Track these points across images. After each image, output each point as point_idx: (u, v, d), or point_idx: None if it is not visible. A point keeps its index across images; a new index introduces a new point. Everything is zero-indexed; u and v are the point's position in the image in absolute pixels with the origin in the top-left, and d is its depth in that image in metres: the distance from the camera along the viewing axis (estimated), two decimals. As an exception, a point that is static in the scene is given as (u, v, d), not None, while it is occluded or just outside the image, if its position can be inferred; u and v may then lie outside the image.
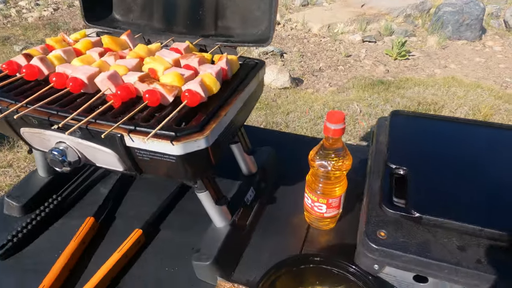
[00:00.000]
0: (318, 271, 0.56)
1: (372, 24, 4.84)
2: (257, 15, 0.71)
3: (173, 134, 0.47)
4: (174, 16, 0.79)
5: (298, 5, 5.87)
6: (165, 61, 0.59)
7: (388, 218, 0.53)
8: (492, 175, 0.58)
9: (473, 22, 4.34)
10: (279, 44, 4.28)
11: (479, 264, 0.47)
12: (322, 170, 0.61)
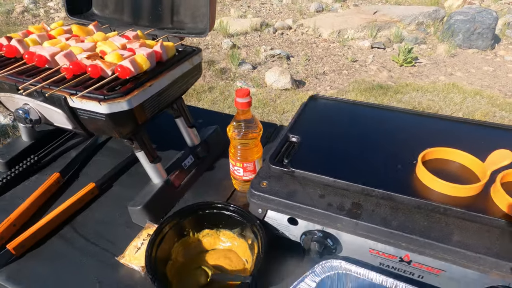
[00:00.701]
0: (220, 216, 0.69)
1: (383, 31, 4.89)
2: (202, 12, 0.85)
3: (101, 96, 0.62)
4: (139, 12, 0.95)
5: (313, 11, 5.98)
6: (113, 45, 0.75)
7: (272, 172, 0.65)
8: (366, 146, 0.70)
9: (484, 31, 4.31)
10: (288, 48, 4.41)
11: (329, 207, 0.58)
12: (236, 138, 0.74)
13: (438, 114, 0.82)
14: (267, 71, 3.56)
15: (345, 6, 6.32)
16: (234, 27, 4.78)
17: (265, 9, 6.02)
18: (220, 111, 2.66)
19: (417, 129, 0.76)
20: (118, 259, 0.68)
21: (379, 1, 6.63)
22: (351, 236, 0.58)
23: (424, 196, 0.57)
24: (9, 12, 5.36)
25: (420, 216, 0.56)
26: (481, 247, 0.51)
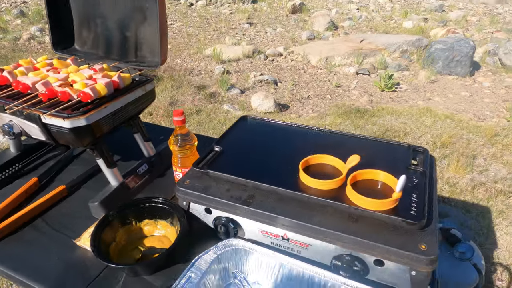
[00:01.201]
0: (156, 208, 0.88)
1: (368, 58, 5.16)
2: (157, 49, 1.07)
3: (65, 114, 0.83)
4: (110, 48, 1.17)
5: (305, 39, 6.32)
6: (82, 75, 0.96)
7: (195, 173, 0.84)
8: (270, 153, 0.89)
9: (463, 59, 4.56)
10: (277, 73, 4.68)
11: (231, 198, 0.77)
12: (176, 148, 0.94)
13: (329, 130, 1.03)
14: (254, 94, 3.80)
15: (336, 34, 6.67)
16: (228, 54, 5.08)
17: (259, 37, 6.37)
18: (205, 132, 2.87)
19: (310, 140, 0.96)
20: (75, 242, 0.86)
21: (368, 29, 6.98)
22: (247, 220, 0.76)
23: (300, 190, 0.76)
24: (16, 39, 5.74)
25: (295, 205, 0.74)
26: (334, 226, 0.69)
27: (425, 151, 0.86)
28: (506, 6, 9.44)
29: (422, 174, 0.77)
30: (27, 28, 6.41)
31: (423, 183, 0.74)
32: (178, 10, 8.23)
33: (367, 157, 0.78)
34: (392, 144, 0.92)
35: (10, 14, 7.29)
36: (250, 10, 8.42)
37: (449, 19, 7.75)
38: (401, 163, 0.82)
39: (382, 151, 0.88)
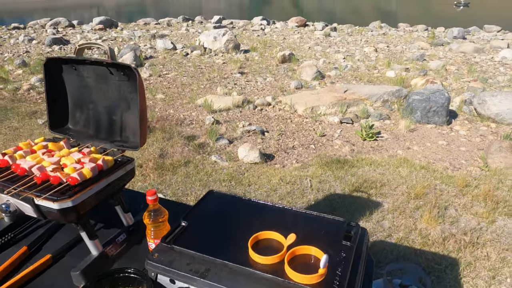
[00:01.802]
0: (129, 278, 1.01)
1: (352, 108, 5.46)
2: (137, 132, 1.26)
3: (55, 198, 0.99)
4: (99, 129, 1.36)
5: (293, 88, 6.68)
6: (72, 159, 1.13)
7: (162, 248, 0.98)
8: (227, 229, 1.05)
9: (439, 109, 4.86)
10: (264, 123, 4.93)
11: (190, 271, 0.91)
12: (149, 223, 1.09)
13: (280, 206, 1.18)
14: (242, 145, 4.00)
15: (323, 83, 7.06)
16: (218, 104, 5.37)
17: (250, 86, 6.73)
18: (191, 184, 3.01)
19: (264, 216, 1.12)
20: (56, 310, 0.99)
21: (353, 78, 7.40)
22: (204, 292, 0.90)
23: (249, 265, 0.90)
24: (17, 90, 6.03)
25: (244, 278, 0.88)
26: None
27: (357, 226, 1.01)
28: (483, 55, 10.07)
29: (350, 249, 0.93)
30: (27, 78, 6.74)
31: (349, 258, 0.89)
32: (174, 60, 8.70)
33: (306, 233, 0.94)
34: (330, 219, 1.08)
35: (12, 64, 7.68)
36: (242, 59, 8.92)
37: (430, 68, 8.24)
38: (334, 238, 0.97)
39: (320, 226, 1.04)
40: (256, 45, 11.14)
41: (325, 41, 12.57)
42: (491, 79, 7.39)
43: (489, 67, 8.62)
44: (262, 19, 18.89)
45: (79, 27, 15.71)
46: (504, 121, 4.88)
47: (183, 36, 13.18)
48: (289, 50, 10.36)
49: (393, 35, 14.87)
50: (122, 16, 35.36)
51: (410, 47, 11.21)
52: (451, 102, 5.74)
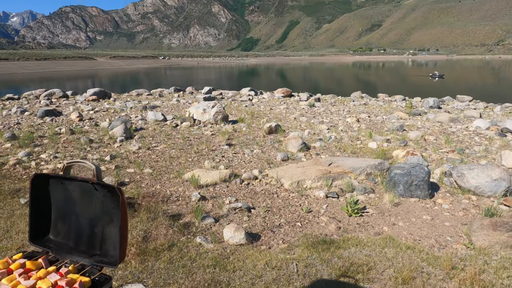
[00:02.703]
0: None
1: (337, 181, 5.58)
2: (117, 248, 1.28)
3: (26, 332, 0.97)
4: (80, 241, 1.38)
5: (279, 160, 6.84)
6: (49, 282, 1.14)
7: None
8: None
9: (420, 183, 5.00)
10: (251, 199, 4.95)
11: None
12: None
13: None
14: (228, 223, 3.97)
15: (308, 155, 7.26)
16: (205, 178, 5.42)
17: (237, 159, 6.86)
18: (174, 271, 2.92)
19: None
20: None
21: (337, 150, 7.66)
22: None
23: None
24: (2, 165, 6.01)
25: None
26: None
27: None
28: (459, 125, 10.67)
29: None
30: (15, 152, 6.77)
31: None
32: (164, 132, 8.94)
33: None
34: None
35: (1, 137, 7.75)
36: (231, 131, 9.22)
37: (409, 139, 8.63)
38: None
39: None
40: (244, 116, 11.61)
41: (309, 111, 13.21)
42: (468, 149, 7.75)
43: (465, 136, 9.08)
44: (250, 90, 19.96)
45: (72, 98, 16.26)
46: (484, 194, 5.02)
47: (173, 107, 13.71)
48: (275, 121, 10.83)
49: (373, 105, 15.77)
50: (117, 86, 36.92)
51: (390, 117, 11.82)
52: (432, 174, 5.95)
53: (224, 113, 10.53)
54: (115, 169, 5.94)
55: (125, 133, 8.18)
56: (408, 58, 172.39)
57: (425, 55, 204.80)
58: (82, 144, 7.44)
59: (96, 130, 9.04)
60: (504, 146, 8.07)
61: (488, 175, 4.99)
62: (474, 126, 10.28)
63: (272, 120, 10.97)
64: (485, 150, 7.60)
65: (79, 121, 10.16)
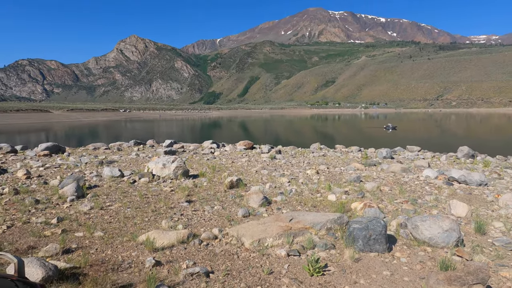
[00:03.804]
0: None
1: (298, 237, 5.51)
2: None
3: None
4: None
5: (241, 216, 6.69)
6: None
7: None
8: None
9: (378, 237, 5.07)
10: (210, 261, 4.70)
11: None
12: None
13: None
14: (184, 292, 3.69)
15: (270, 210, 7.20)
16: (162, 240, 5.12)
17: (197, 217, 6.63)
18: None
19: None
20: None
21: (298, 203, 7.68)
22: None
23: None
24: None
25: None
26: None
27: None
28: (410, 174, 11.25)
29: None
30: None
31: None
32: (120, 189, 8.53)
33: None
34: None
35: None
36: (191, 186, 9.01)
37: (366, 190, 8.91)
38: None
39: None
40: (205, 170, 11.49)
41: (271, 164, 13.38)
42: (420, 199, 8.11)
43: (416, 186, 9.55)
44: (212, 143, 20.05)
45: (22, 153, 15.30)
46: (437, 245, 5.17)
47: (132, 161, 13.29)
48: (237, 175, 10.80)
49: (332, 156, 16.37)
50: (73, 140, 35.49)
51: (347, 168, 12.25)
52: (389, 226, 6.09)
53: (184, 168, 10.35)
54: (62, 233, 5.46)
55: (76, 192, 7.69)
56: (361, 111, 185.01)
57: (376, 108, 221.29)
58: (26, 206, 6.84)
59: (44, 188, 8.43)
60: (451, 194, 8.56)
61: (440, 226, 5.19)
62: (424, 175, 10.90)
63: (233, 174, 10.93)
64: (436, 199, 8.00)
65: (26, 179, 9.44)
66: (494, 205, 7.63)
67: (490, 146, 28.42)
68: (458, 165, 14.10)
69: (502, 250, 5.12)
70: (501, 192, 8.83)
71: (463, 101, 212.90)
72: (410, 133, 43.76)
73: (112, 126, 62.39)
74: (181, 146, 19.07)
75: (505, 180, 10.72)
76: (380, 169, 12.30)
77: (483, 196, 8.45)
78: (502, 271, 4.32)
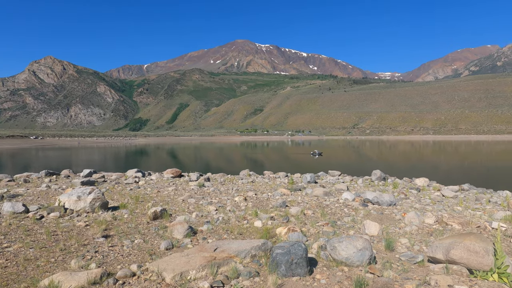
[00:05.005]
0: None
1: (222, 267, 5.38)
2: None
3: None
4: None
5: (163, 249, 6.34)
6: None
7: None
8: None
9: (299, 261, 5.21)
10: (126, 302, 4.31)
11: None
12: None
13: None
14: None
15: (195, 240, 6.96)
16: (69, 283, 4.58)
17: (114, 253, 6.10)
18: None
19: None
20: None
21: (224, 232, 7.57)
22: None
23: None
24: None
25: None
26: None
27: None
28: (331, 197, 11.97)
29: None
30: None
31: None
32: (23, 227, 7.49)
33: None
34: None
35: None
36: (110, 219, 8.33)
37: (291, 214, 9.20)
38: None
39: None
40: (128, 201, 10.78)
41: (199, 192, 13.11)
42: (339, 220, 8.63)
43: (336, 209, 10.17)
44: (137, 171, 18.99)
45: None
46: (353, 264, 5.50)
47: (41, 194, 11.87)
48: (162, 205, 10.32)
49: (260, 182, 16.68)
50: (-34, 172, 30.44)
51: (274, 193, 12.57)
52: (310, 249, 6.32)
53: (103, 199, 9.56)
54: None
55: (-36, 234, 6.53)
56: (288, 138, 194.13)
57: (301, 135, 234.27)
58: None
59: None
60: (366, 215, 9.28)
61: (355, 246, 5.55)
62: (343, 198, 11.69)
63: (158, 204, 10.43)
64: (353, 220, 8.59)
65: None
66: (401, 223, 8.46)
67: (399, 168, 31.88)
68: (372, 187, 15.45)
69: (407, 264, 5.65)
70: (407, 210, 9.86)
71: (375, 129, 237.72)
72: (332, 158, 47.04)
73: (20, 154, 55.49)
74: (101, 175, 17.70)
75: (410, 200, 12.04)
76: (305, 193, 12.87)
77: (392, 215, 9.33)
78: (406, 284, 4.73)
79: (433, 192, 14.01)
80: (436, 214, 9.31)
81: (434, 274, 5.03)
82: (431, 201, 11.77)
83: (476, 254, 5.00)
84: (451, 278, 4.85)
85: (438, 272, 5.16)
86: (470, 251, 5.05)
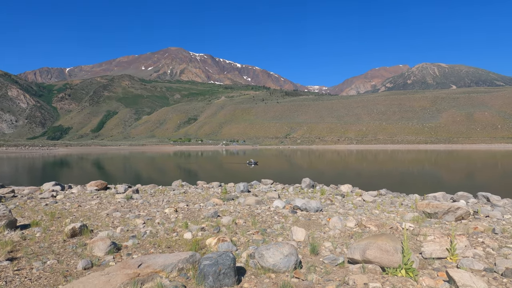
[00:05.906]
0: None
1: (147, 284, 5.12)
2: None
3: None
4: None
5: (81, 269, 5.83)
6: None
7: None
8: None
9: (227, 271, 5.19)
10: (31, 332, 3.84)
11: None
12: None
13: None
14: None
15: (118, 257, 6.52)
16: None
17: (21, 277, 5.44)
18: None
19: None
20: None
21: (152, 246, 7.23)
22: None
23: None
24: None
25: None
26: None
27: None
28: (263, 206, 12.19)
29: None
30: None
31: None
32: None
33: None
34: None
35: None
36: (17, 239, 7.41)
37: (222, 224, 9.15)
38: None
39: None
40: (41, 218, 9.72)
41: (126, 205, 12.37)
42: (269, 228, 8.83)
43: (267, 217, 10.39)
44: (55, 184, 17.29)
45: None
46: (280, 270, 5.65)
47: None
48: (82, 220, 9.52)
49: (192, 192, 16.34)
50: None
51: (207, 204, 12.40)
52: (240, 258, 6.35)
53: (9, 217, 8.47)
54: None
55: None
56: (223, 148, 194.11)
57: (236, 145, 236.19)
58: None
59: None
60: (295, 222, 9.64)
61: (281, 253, 5.72)
62: (274, 206, 11.98)
63: (78, 220, 9.58)
64: (282, 227, 8.85)
65: None
66: (326, 227, 8.96)
67: (326, 176, 33.87)
68: (302, 194, 16.14)
69: (330, 266, 5.98)
70: (332, 215, 10.48)
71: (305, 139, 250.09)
72: (266, 167, 48.15)
73: None
74: (10, 190, 15.67)
75: (335, 205, 12.83)
76: (238, 202, 12.92)
77: (319, 221, 9.83)
78: (328, 285, 5.01)
79: (355, 198, 15.14)
80: (356, 217, 10.06)
81: (352, 274, 5.40)
82: (353, 205, 12.68)
83: (387, 252, 5.50)
84: (367, 276, 5.26)
85: (356, 272, 5.56)
86: (382, 250, 5.54)
